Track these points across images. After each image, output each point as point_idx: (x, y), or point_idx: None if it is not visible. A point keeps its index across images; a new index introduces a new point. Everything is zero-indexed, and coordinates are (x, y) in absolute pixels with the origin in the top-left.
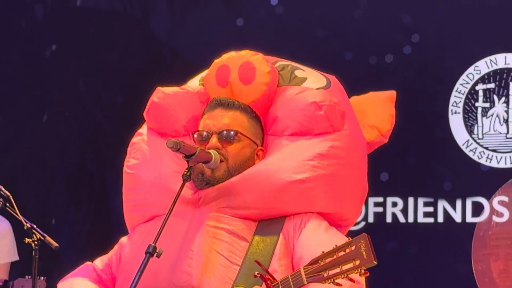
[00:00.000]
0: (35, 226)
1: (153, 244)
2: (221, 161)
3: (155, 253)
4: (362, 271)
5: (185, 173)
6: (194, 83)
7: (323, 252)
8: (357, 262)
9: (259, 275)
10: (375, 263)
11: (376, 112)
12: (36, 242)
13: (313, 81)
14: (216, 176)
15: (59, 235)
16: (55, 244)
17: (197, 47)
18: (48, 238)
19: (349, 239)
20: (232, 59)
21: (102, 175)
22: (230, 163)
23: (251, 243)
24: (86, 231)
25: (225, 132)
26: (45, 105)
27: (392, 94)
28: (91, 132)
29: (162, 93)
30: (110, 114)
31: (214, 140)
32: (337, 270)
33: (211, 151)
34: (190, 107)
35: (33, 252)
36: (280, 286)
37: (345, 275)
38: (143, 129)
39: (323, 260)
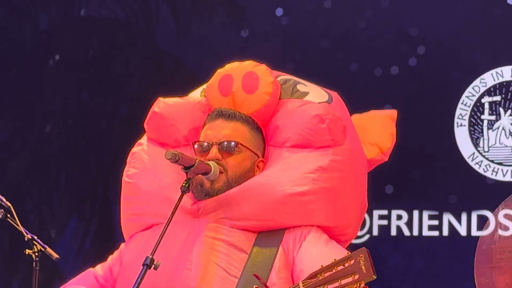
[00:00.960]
0: (35, 237)
1: (151, 256)
2: (220, 172)
3: (153, 265)
4: (361, 285)
5: (184, 184)
6: (195, 95)
7: (322, 266)
8: (356, 277)
9: None
10: (374, 277)
11: (377, 130)
12: (36, 254)
13: (315, 96)
14: (216, 187)
15: (63, 245)
16: (55, 255)
17: (201, 58)
18: (48, 249)
19: (348, 253)
20: (236, 69)
21: (105, 186)
22: (230, 175)
23: (250, 255)
24: (88, 242)
25: (225, 143)
26: (48, 115)
27: (393, 113)
28: (95, 142)
29: (163, 103)
30: (113, 124)
31: (214, 151)
32: (336, 284)
33: (210, 162)
34: (191, 118)
35: (34, 263)
36: None
37: None
38: (143, 140)
39: (322, 274)
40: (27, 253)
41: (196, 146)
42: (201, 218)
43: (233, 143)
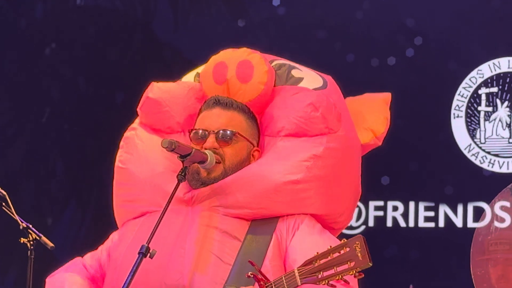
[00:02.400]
0: (30, 226)
1: (147, 245)
2: (217, 162)
3: (148, 254)
4: (357, 272)
5: (180, 173)
6: (189, 79)
7: (317, 253)
8: (352, 264)
9: (252, 275)
10: (370, 264)
11: (371, 115)
12: (31, 242)
13: (309, 81)
14: (212, 177)
15: (60, 233)
16: (50, 244)
17: (198, 47)
18: (44, 238)
19: (344, 241)
20: (230, 56)
21: (102, 174)
22: (227, 164)
23: (243, 242)
24: (84, 230)
25: (223, 132)
26: (45, 104)
27: (387, 96)
28: (91, 130)
29: (157, 89)
30: (110, 113)
31: (211, 139)
32: (332, 271)
33: (206, 151)
34: (185, 104)
35: (29, 252)
36: (273, 287)
37: (340, 276)
38: (136, 124)
39: (317, 261)
40: (22, 241)
41: (192, 134)
42: (194, 206)
43: (230, 132)
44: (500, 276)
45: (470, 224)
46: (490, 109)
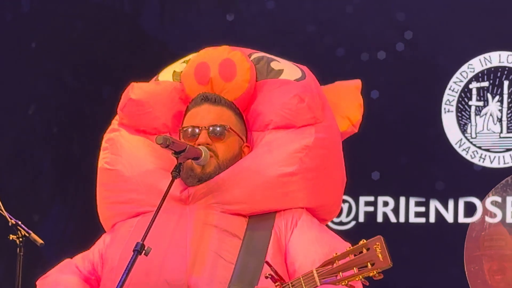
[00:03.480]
0: (19, 223)
1: (141, 242)
2: (210, 157)
3: (143, 251)
4: (377, 273)
5: (174, 170)
6: (166, 77)
7: (336, 253)
8: (373, 265)
9: (270, 276)
10: (391, 265)
11: (346, 103)
12: (20, 239)
13: (289, 72)
14: (207, 172)
15: (46, 230)
16: (40, 241)
17: (186, 42)
18: (33, 235)
19: (363, 241)
20: (211, 55)
21: (89, 170)
22: (220, 159)
23: (244, 240)
24: (71, 226)
25: (214, 127)
26: (31, 98)
27: (357, 83)
28: (78, 125)
29: (139, 89)
30: (97, 108)
31: (203, 135)
32: (352, 272)
33: (200, 147)
34: (169, 104)
35: (18, 249)
36: (291, 287)
37: (360, 277)
38: (116, 125)
39: (336, 261)
40: (11, 238)
41: (183, 131)
42: (192, 205)
43: (222, 127)
44: (495, 272)
45: (461, 219)
46: (481, 103)
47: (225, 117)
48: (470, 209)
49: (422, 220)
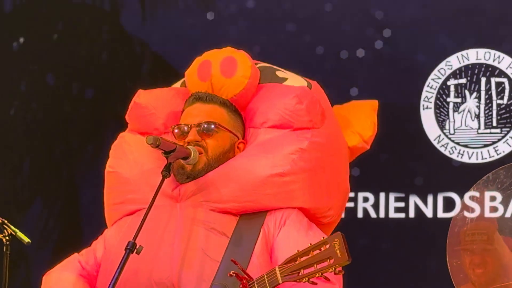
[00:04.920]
0: (6, 221)
1: (133, 241)
2: (200, 154)
3: (135, 250)
4: (336, 269)
5: (164, 169)
6: (176, 86)
7: (297, 250)
8: (332, 261)
9: (234, 274)
10: (349, 261)
11: (359, 119)
12: (7, 238)
13: (293, 81)
14: (197, 169)
15: (26, 229)
16: (27, 239)
17: (167, 41)
18: (19, 233)
19: (323, 238)
20: (214, 54)
21: (70, 169)
22: (210, 155)
23: (231, 238)
24: (53, 225)
25: (204, 124)
26: (13, 98)
27: (374, 103)
28: (60, 125)
29: (143, 94)
30: (78, 108)
31: (193, 132)
32: (312, 269)
33: (190, 147)
34: (171, 105)
35: (5, 247)
36: (256, 285)
37: (320, 273)
38: (125, 132)
39: (298, 259)
40: None
41: (175, 130)
42: (182, 203)
43: (210, 124)
44: (477, 266)
45: (440, 214)
46: (459, 100)
47: (216, 115)
48: (449, 204)
49: (401, 215)
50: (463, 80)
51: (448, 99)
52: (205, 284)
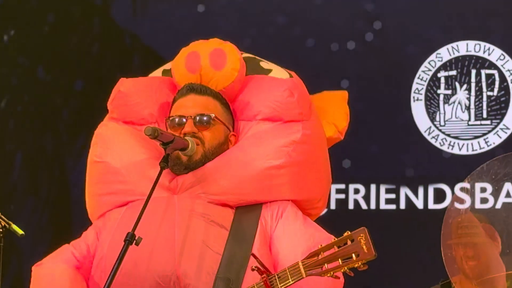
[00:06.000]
0: None
1: (132, 232)
2: (197, 145)
3: (134, 241)
4: (362, 264)
5: (162, 161)
6: (157, 75)
7: (321, 245)
8: (358, 256)
9: (256, 269)
10: (375, 257)
11: (333, 110)
12: (1, 230)
13: (277, 73)
14: (194, 160)
15: (18, 222)
16: (20, 231)
17: (157, 33)
18: (13, 225)
19: (347, 233)
20: (202, 46)
21: (61, 161)
22: (206, 147)
23: (231, 231)
24: (45, 217)
25: (200, 116)
26: (3, 91)
27: (344, 93)
28: (50, 118)
29: (127, 83)
30: (69, 100)
31: (189, 124)
32: (336, 263)
33: (187, 138)
34: (157, 95)
35: None
36: (277, 280)
37: (346, 268)
38: (106, 120)
39: (321, 253)
40: None
41: (170, 121)
42: (179, 195)
43: (208, 117)
44: (470, 257)
45: (431, 205)
46: (449, 92)
47: (211, 107)
48: (439, 196)
49: (392, 206)
50: (453, 72)
51: (438, 91)
52: (210, 277)
